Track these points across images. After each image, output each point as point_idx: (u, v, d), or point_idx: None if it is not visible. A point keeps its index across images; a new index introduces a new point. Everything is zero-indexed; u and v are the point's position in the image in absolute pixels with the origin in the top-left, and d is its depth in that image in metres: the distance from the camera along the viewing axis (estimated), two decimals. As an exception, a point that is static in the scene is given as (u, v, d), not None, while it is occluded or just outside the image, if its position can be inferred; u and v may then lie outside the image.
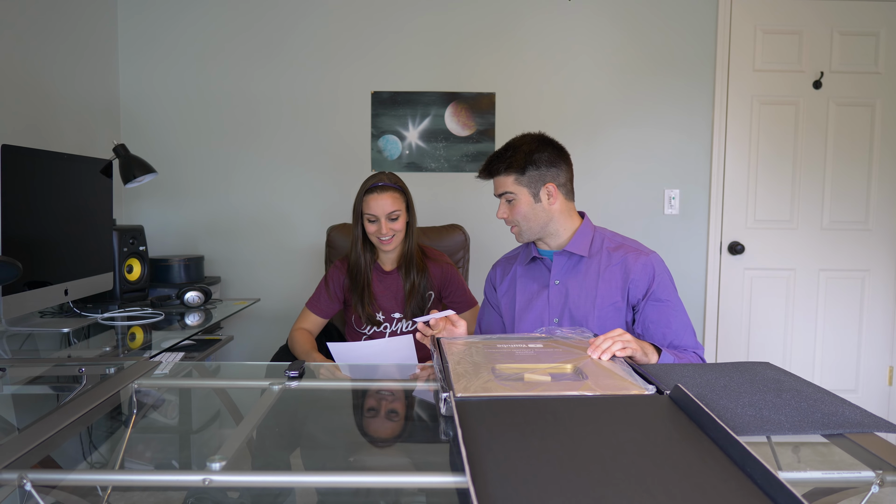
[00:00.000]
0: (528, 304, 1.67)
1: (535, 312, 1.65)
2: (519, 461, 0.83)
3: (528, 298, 1.68)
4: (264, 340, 3.03)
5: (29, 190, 1.84)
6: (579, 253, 1.62)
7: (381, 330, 2.06)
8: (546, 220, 1.62)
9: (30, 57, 2.33)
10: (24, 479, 0.82)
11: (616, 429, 0.94)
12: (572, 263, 1.64)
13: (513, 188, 1.59)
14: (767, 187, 3.10)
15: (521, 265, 1.73)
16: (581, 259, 1.63)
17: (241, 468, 0.93)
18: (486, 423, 0.96)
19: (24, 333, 1.93)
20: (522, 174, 1.58)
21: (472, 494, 0.71)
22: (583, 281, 1.61)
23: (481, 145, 3.06)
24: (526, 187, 1.59)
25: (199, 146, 3.04)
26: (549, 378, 1.18)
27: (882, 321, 3.14)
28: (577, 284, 1.62)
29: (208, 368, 1.80)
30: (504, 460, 0.83)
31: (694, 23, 3.05)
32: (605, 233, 1.68)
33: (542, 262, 1.69)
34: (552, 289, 1.64)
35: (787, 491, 0.71)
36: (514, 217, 1.61)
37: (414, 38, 3.03)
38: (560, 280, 1.64)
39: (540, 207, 1.60)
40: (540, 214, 1.60)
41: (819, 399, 1.09)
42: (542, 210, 1.60)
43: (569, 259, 1.64)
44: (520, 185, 1.58)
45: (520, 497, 0.73)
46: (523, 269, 1.72)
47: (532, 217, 1.60)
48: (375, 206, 1.94)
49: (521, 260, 1.75)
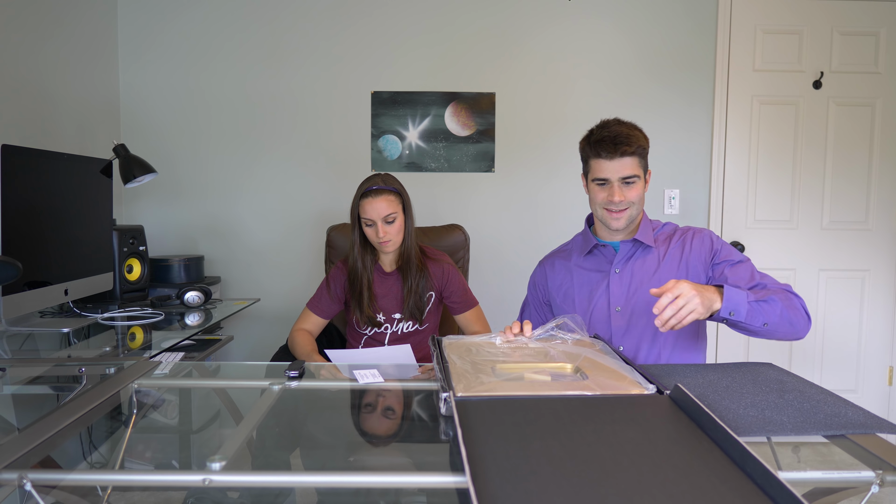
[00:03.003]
0: (589, 294, 1.67)
1: (596, 303, 1.65)
2: (519, 461, 0.82)
3: (589, 288, 1.67)
4: (264, 340, 3.03)
5: (29, 190, 1.84)
6: (647, 242, 1.63)
7: (382, 331, 2.06)
8: (642, 207, 1.64)
9: (30, 57, 2.33)
10: (24, 479, 0.82)
11: (616, 428, 0.94)
12: (634, 251, 1.65)
13: (638, 171, 1.58)
14: (767, 187, 3.10)
15: (578, 256, 1.72)
16: (643, 248, 1.64)
17: (241, 468, 0.93)
18: (485, 423, 0.96)
19: (24, 333, 1.93)
20: (644, 157, 1.60)
21: (472, 494, 0.71)
22: (643, 268, 1.62)
23: (481, 145, 3.05)
24: (643, 171, 1.61)
25: (199, 146, 3.04)
26: (549, 378, 1.18)
27: (882, 321, 3.14)
28: (639, 272, 1.62)
29: (208, 368, 1.80)
30: (504, 460, 0.83)
31: (694, 22, 3.05)
32: (665, 225, 1.70)
33: (602, 251, 1.69)
34: (613, 277, 1.64)
35: (787, 491, 0.71)
36: (632, 198, 1.58)
37: (414, 38, 3.03)
38: (621, 269, 1.64)
39: (643, 193, 1.62)
40: (642, 200, 1.62)
41: (822, 400, 1.09)
42: (644, 196, 1.62)
43: (633, 247, 1.65)
44: (641, 168, 1.59)
45: (520, 497, 0.73)
46: (581, 259, 1.71)
47: (642, 200, 1.62)
48: (371, 209, 1.94)
49: (577, 252, 1.73)
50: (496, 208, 3.09)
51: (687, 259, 1.60)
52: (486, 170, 3.07)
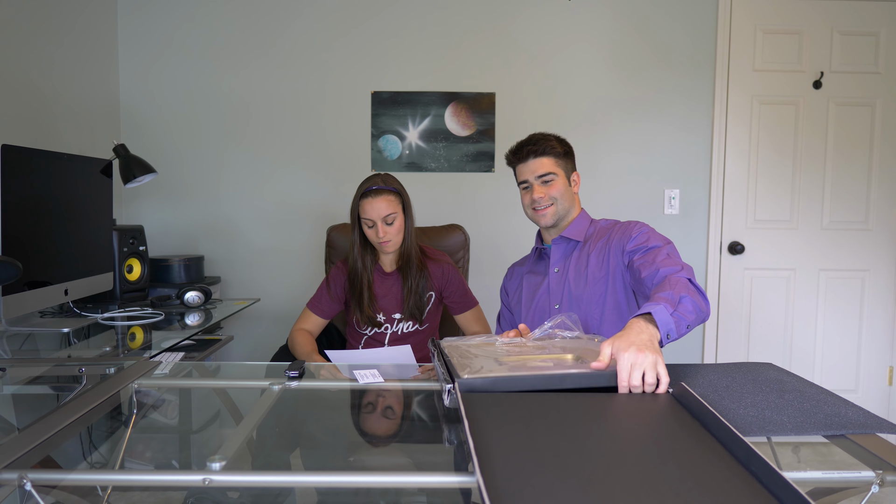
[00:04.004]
0: (531, 296, 1.77)
1: (537, 302, 1.74)
2: (526, 455, 0.83)
3: (532, 290, 1.78)
4: (264, 340, 3.03)
5: (29, 190, 1.84)
6: (575, 238, 1.72)
7: (382, 331, 2.06)
8: (570, 204, 1.75)
9: (30, 57, 2.33)
10: (24, 479, 0.82)
11: (620, 425, 0.94)
12: (570, 249, 1.74)
13: (554, 169, 1.72)
14: (767, 187, 3.10)
15: (530, 262, 1.85)
16: (577, 244, 1.73)
17: (241, 468, 0.93)
18: (491, 416, 0.96)
19: (24, 333, 1.93)
20: (561, 158, 1.73)
21: (482, 487, 0.71)
22: (578, 263, 1.70)
23: (481, 145, 3.05)
24: (563, 170, 1.73)
25: (199, 146, 3.04)
26: (552, 365, 1.19)
27: (882, 321, 3.14)
28: (574, 268, 1.70)
29: (208, 368, 1.80)
30: (511, 454, 0.83)
31: (694, 23, 3.05)
32: (603, 221, 1.77)
33: (546, 253, 1.79)
34: (552, 276, 1.73)
35: (793, 490, 0.71)
36: (553, 194, 1.70)
37: (414, 38, 3.03)
38: (559, 267, 1.74)
39: (569, 191, 1.74)
40: (568, 197, 1.73)
41: (822, 400, 1.09)
42: (570, 193, 1.75)
43: (567, 245, 1.75)
44: (559, 167, 1.72)
45: (528, 492, 0.73)
46: (532, 264, 1.84)
47: (566, 197, 1.73)
48: (371, 210, 1.94)
49: (531, 258, 1.86)
50: (496, 208, 3.09)
51: (609, 249, 1.66)
52: (486, 170, 3.07)
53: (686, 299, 1.31)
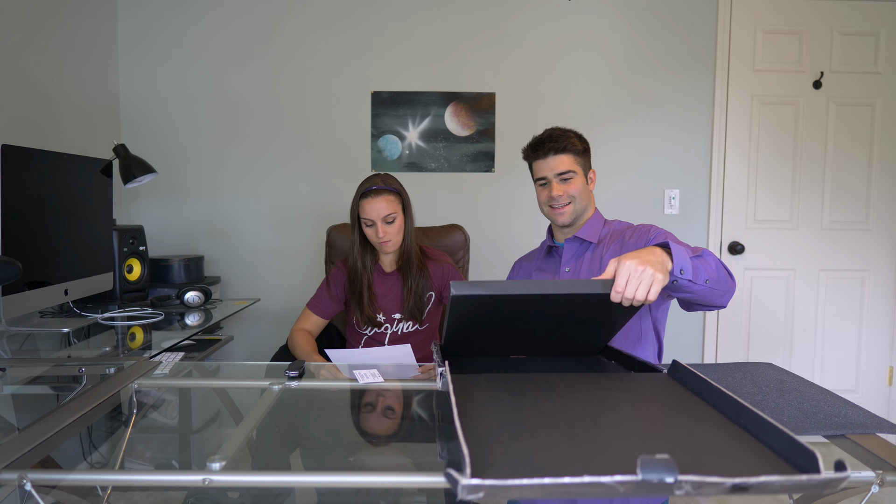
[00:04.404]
0: None
1: None
2: (511, 427, 0.84)
3: None
4: (264, 340, 3.03)
5: (29, 190, 1.84)
6: (589, 239, 1.68)
7: (382, 331, 2.06)
8: (587, 203, 1.71)
9: (30, 57, 2.33)
10: (24, 479, 0.82)
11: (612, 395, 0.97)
12: (583, 250, 1.70)
13: (574, 167, 1.67)
14: (767, 187, 3.10)
15: (539, 259, 1.80)
16: (591, 245, 1.69)
17: (241, 468, 0.93)
18: (480, 390, 0.98)
19: (24, 333, 1.92)
20: (580, 155, 1.69)
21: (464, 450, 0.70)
22: (591, 265, 1.66)
23: (481, 145, 3.05)
24: (581, 168, 1.69)
25: (199, 146, 3.04)
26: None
27: (882, 321, 3.14)
28: (587, 270, 1.66)
29: (208, 368, 1.80)
30: (498, 428, 0.83)
31: (694, 22, 3.05)
32: (616, 223, 1.73)
33: (557, 252, 1.75)
34: (562, 276, 1.69)
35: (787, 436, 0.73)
36: (572, 192, 1.67)
37: (414, 38, 3.03)
38: (571, 268, 1.69)
39: (586, 190, 1.70)
40: (585, 195, 1.69)
41: (822, 400, 1.09)
42: (587, 192, 1.70)
43: (580, 245, 1.71)
44: (577, 164, 1.68)
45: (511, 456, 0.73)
46: (541, 261, 1.79)
47: (584, 196, 1.69)
48: (371, 210, 1.94)
49: (539, 254, 1.82)
50: (496, 208, 3.09)
51: (623, 252, 1.62)
52: (486, 170, 3.07)
53: (710, 257, 1.32)
